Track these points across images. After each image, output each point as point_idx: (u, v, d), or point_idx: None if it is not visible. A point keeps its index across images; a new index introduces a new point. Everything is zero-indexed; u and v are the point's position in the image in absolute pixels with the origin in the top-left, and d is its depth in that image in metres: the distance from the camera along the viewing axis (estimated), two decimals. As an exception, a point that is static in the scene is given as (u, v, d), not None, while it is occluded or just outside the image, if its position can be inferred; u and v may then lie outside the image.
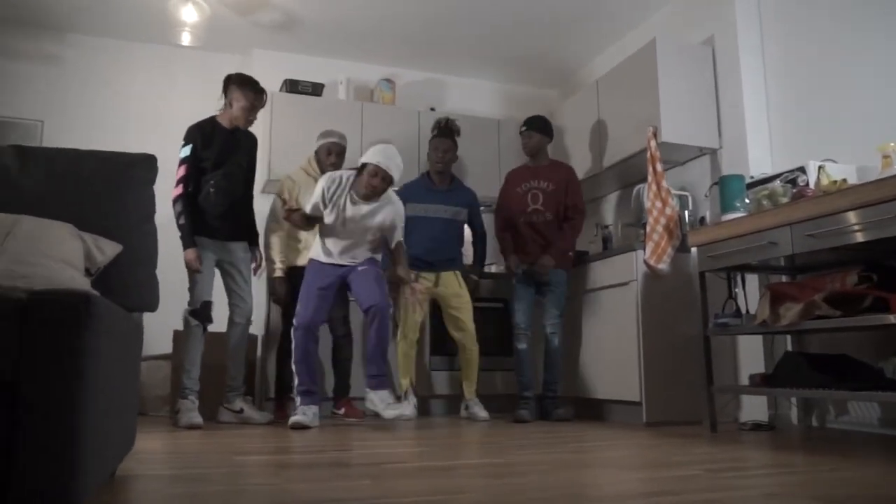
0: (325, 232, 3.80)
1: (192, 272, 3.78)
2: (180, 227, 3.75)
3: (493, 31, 5.24)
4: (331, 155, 4.25)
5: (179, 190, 3.78)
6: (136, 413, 2.05)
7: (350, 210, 3.71)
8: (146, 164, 2.16)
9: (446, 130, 4.41)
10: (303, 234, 4.21)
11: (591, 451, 2.64)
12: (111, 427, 1.57)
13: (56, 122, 5.04)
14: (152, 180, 2.18)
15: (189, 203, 3.77)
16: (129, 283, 2.03)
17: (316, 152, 4.33)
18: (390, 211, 3.79)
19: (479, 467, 2.23)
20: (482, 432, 3.42)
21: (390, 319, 3.77)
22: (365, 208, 3.72)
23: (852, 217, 2.66)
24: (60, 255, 1.70)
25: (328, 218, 3.73)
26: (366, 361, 3.75)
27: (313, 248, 3.89)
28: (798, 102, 3.84)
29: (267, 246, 4.22)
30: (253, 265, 4.06)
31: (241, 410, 3.89)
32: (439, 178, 4.44)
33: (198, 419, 3.62)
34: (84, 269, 1.84)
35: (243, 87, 3.89)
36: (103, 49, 5.27)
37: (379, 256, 3.94)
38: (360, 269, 3.78)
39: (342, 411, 4.15)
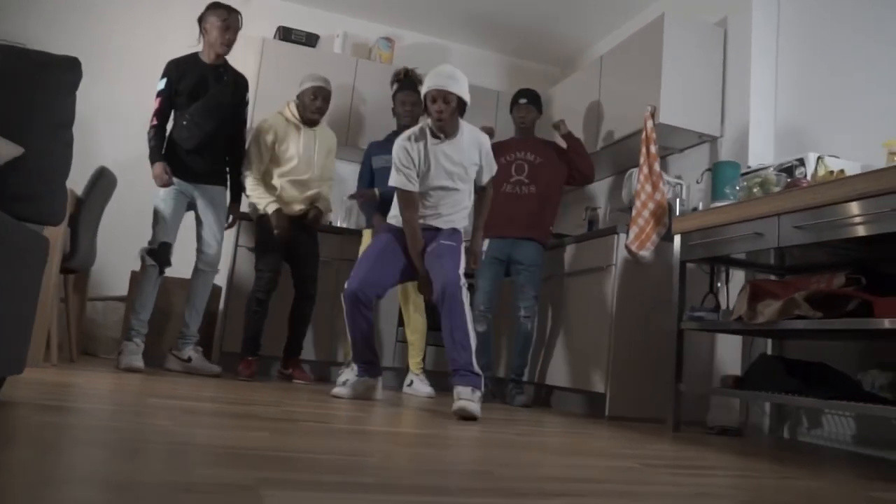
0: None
1: (167, 186, 3.60)
2: (150, 148, 3.61)
3: (507, 3, 5.01)
4: (316, 99, 4.01)
5: (154, 122, 3.65)
6: (26, 334, 1.86)
7: (438, 153, 3.18)
8: (67, 66, 1.97)
9: (409, 82, 4.13)
10: (277, 183, 4.00)
11: (534, 436, 2.45)
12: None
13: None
14: (74, 84, 1.98)
15: (163, 133, 3.64)
16: (31, 193, 1.84)
17: (298, 97, 4.06)
18: (472, 140, 3.25)
19: (400, 436, 2.04)
20: (430, 407, 3.23)
21: (462, 295, 3.00)
22: (448, 146, 3.19)
23: (847, 209, 2.44)
24: (-69, 142, 1.51)
25: (420, 178, 3.22)
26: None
27: (391, 211, 3.39)
28: (808, 94, 3.60)
29: (244, 189, 3.97)
30: (229, 219, 3.90)
31: (189, 359, 3.72)
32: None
33: (138, 362, 3.45)
34: (-33, 165, 1.65)
35: (214, 8, 3.74)
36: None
37: (463, 226, 3.35)
38: (442, 241, 3.18)
39: (289, 371, 3.97)
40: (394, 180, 3.19)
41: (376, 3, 5.20)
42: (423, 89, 3.15)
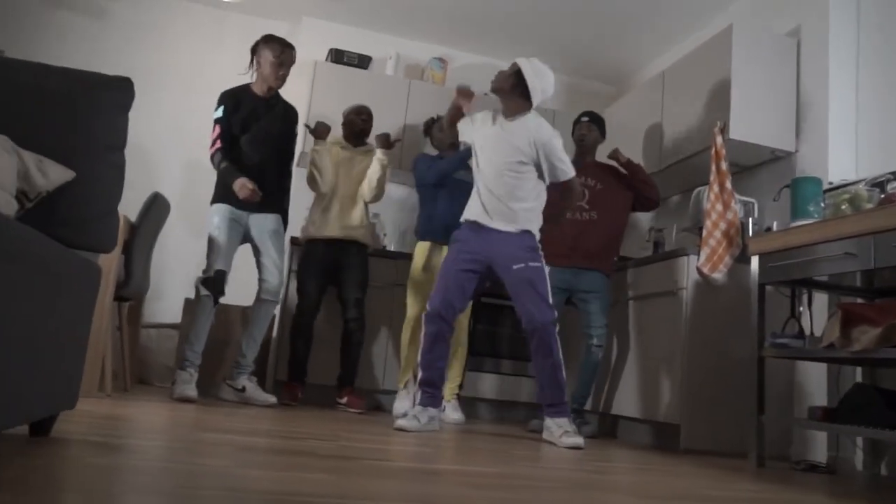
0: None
1: (255, 198, 3.53)
2: (222, 171, 3.56)
3: (555, 18, 4.89)
4: (362, 114, 4.14)
5: (217, 145, 3.61)
6: (78, 367, 1.77)
7: (491, 128, 3.29)
8: (120, 88, 1.89)
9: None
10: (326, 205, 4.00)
11: (613, 473, 2.26)
12: (24, 373, 1.29)
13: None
14: (127, 106, 1.90)
15: (228, 153, 3.59)
16: (81, 218, 1.75)
17: (344, 123, 4.17)
18: (536, 124, 3.24)
19: (472, 476, 1.87)
20: (498, 441, 3.06)
21: (555, 333, 3.11)
22: (507, 124, 3.26)
23: (953, 227, 2.22)
24: (-22, 165, 1.42)
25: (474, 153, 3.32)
26: (538, 389, 3.21)
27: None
28: (893, 104, 3.36)
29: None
30: None
31: (244, 389, 3.62)
32: (453, 151, 4.08)
33: (192, 392, 3.36)
34: (17, 191, 1.57)
35: (268, 42, 3.71)
36: (154, 4, 5.11)
37: (536, 226, 3.27)
38: (514, 267, 3.13)
39: (344, 400, 3.84)
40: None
41: (429, 23, 5.12)
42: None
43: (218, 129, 3.62)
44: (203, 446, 1.90)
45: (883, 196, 2.70)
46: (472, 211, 3.28)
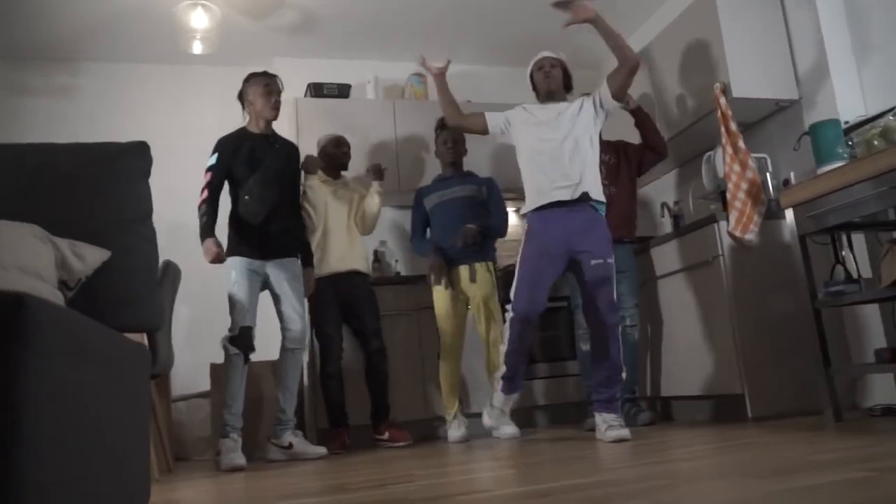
0: (528, 160, 3.36)
1: (220, 262, 3.42)
2: (201, 226, 3.44)
3: (526, 13, 4.83)
4: (342, 146, 4.10)
5: (204, 195, 3.49)
6: (145, 460, 1.65)
7: (539, 115, 3.38)
8: (137, 153, 1.79)
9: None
10: (321, 244, 3.94)
11: (707, 457, 2.15)
12: (93, 476, 1.17)
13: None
14: (146, 171, 1.80)
15: (213, 206, 3.49)
16: (123, 298, 1.64)
17: (323, 156, 4.12)
18: (583, 99, 3.41)
19: (582, 489, 1.76)
20: (563, 448, 2.94)
21: (617, 331, 3.17)
22: (555, 107, 3.38)
23: None
24: (18, 262, 1.31)
25: (519, 141, 3.41)
26: (593, 381, 3.23)
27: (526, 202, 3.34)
28: (892, 30, 3.31)
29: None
30: (309, 290, 3.75)
31: (291, 446, 3.48)
32: (453, 170, 4.09)
33: (240, 460, 3.22)
34: (58, 280, 1.45)
35: (251, 79, 3.66)
36: (118, 74, 4.98)
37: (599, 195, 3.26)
38: (593, 262, 3.14)
39: (385, 436, 3.71)
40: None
41: (401, 42, 5.04)
42: (530, 68, 3.59)
43: (208, 177, 3.51)
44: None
45: (913, 123, 2.64)
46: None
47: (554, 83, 3.46)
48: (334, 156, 4.06)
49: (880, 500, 1.28)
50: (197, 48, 4.21)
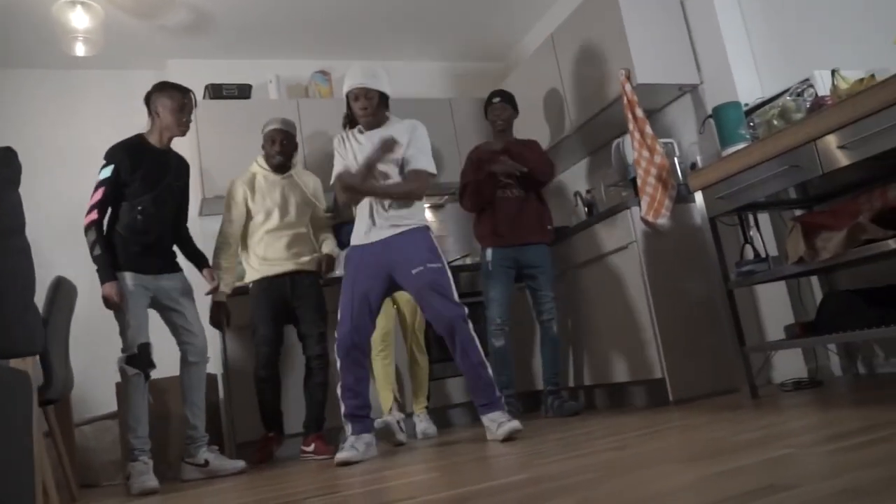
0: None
1: (117, 311, 3.21)
2: (95, 258, 3.19)
3: (427, 7, 4.76)
4: (274, 144, 3.77)
5: (94, 216, 3.22)
6: (30, 495, 1.48)
7: (361, 145, 3.16)
8: (4, 160, 1.61)
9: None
10: (259, 242, 3.75)
11: (633, 446, 2.14)
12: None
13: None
14: (15, 180, 1.62)
15: (104, 231, 3.25)
16: (-5, 321, 1.47)
17: (263, 151, 3.85)
18: (401, 127, 3.18)
19: (507, 490, 1.70)
20: (487, 446, 2.89)
21: (469, 327, 3.00)
22: (375, 135, 3.13)
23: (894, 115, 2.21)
24: None
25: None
26: (467, 385, 3.10)
27: (353, 232, 3.21)
28: (782, 13, 3.41)
29: (216, 267, 3.67)
30: (212, 285, 3.54)
31: (206, 463, 3.30)
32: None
33: (152, 482, 3.03)
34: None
35: (165, 89, 3.39)
36: (2, 77, 4.64)
37: (423, 223, 3.17)
38: (413, 271, 3.01)
39: (311, 447, 3.55)
40: (337, 167, 3.15)
41: (301, 39, 4.90)
42: (345, 89, 3.19)
43: (100, 194, 3.25)
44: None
45: (810, 103, 2.70)
46: (362, 230, 3.14)
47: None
48: (268, 155, 3.80)
49: (801, 478, 1.27)
50: (80, 50, 3.94)
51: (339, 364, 3.01)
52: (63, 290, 3.04)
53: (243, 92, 4.61)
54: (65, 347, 3.17)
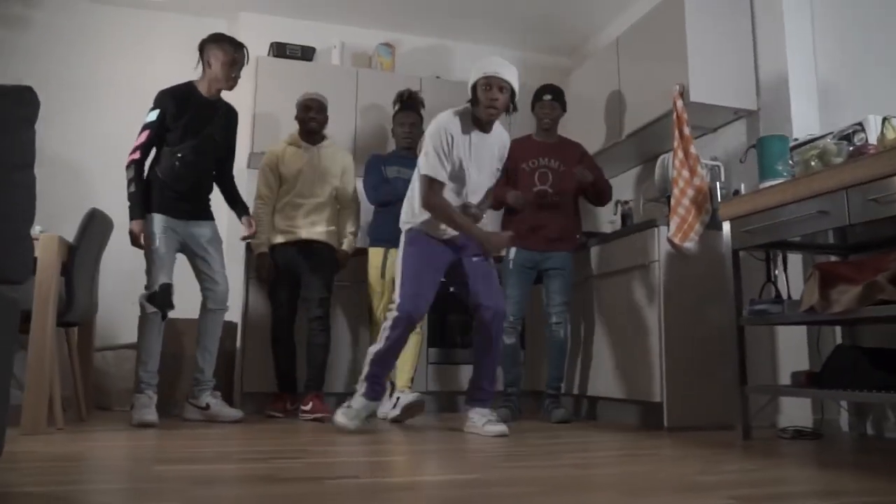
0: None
1: (143, 249, 3.33)
2: (130, 195, 3.32)
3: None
4: (309, 110, 3.91)
5: (136, 156, 3.36)
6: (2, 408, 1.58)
7: (475, 145, 3.03)
8: (22, 99, 1.70)
9: (410, 103, 4.02)
10: (283, 207, 3.86)
11: (600, 466, 2.14)
12: None
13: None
14: (31, 119, 1.71)
15: (142, 172, 3.37)
16: (-14, 246, 1.57)
17: (295, 117, 3.98)
18: (500, 136, 3.14)
19: (443, 487, 1.73)
20: (462, 439, 2.92)
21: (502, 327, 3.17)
22: (485, 140, 3.07)
23: (929, 175, 2.12)
24: None
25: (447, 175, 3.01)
26: (475, 376, 3.14)
27: (419, 218, 3.07)
28: (852, 52, 3.27)
29: (255, 217, 3.79)
30: (249, 231, 3.64)
31: (208, 407, 3.43)
32: (408, 153, 3.99)
33: (151, 416, 3.17)
34: None
35: (219, 42, 3.47)
36: (78, 11, 4.84)
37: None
38: (474, 258, 3.11)
39: (309, 406, 3.65)
40: (428, 168, 2.95)
41: (372, 9, 4.93)
42: (476, 75, 2.99)
43: (144, 136, 3.37)
44: (156, 485, 1.73)
45: (852, 149, 2.60)
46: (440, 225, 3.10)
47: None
48: (301, 121, 3.94)
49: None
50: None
51: (392, 333, 2.96)
52: (96, 222, 3.18)
53: (306, 54, 4.69)
54: (91, 276, 3.33)
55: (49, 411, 2.88)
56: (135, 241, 3.32)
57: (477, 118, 3.02)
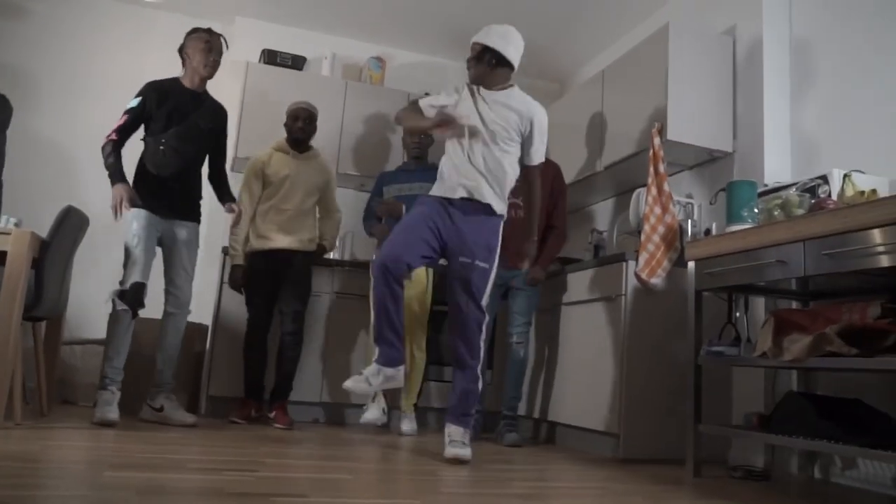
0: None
1: (121, 212, 3.27)
2: (107, 166, 3.32)
3: (495, 16, 4.77)
4: (297, 120, 3.95)
5: (113, 137, 3.37)
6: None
7: (486, 104, 3.06)
8: (-5, 105, 1.73)
9: None
10: (264, 214, 3.88)
11: (543, 498, 2.18)
12: None
13: (21, 79, 4.61)
14: (3, 125, 1.75)
15: (119, 149, 3.37)
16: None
17: (284, 124, 4.02)
18: (523, 106, 3.10)
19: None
20: (424, 460, 2.95)
21: (480, 332, 3.01)
22: (491, 96, 3.08)
23: (879, 236, 2.18)
24: None
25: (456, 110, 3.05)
26: (454, 393, 3.03)
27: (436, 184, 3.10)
28: (826, 105, 3.34)
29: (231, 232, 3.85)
30: (232, 213, 3.64)
31: (161, 409, 3.44)
32: (416, 163, 4.03)
33: (112, 414, 3.18)
34: None
35: (194, 32, 3.55)
36: (78, 4, 4.86)
37: (502, 209, 3.10)
38: (461, 259, 2.99)
39: (272, 415, 3.68)
40: (442, 100, 3.14)
41: (365, 22, 4.98)
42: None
43: (123, 120, 3.40)
44: (103, 493, 1.76)
45: (814, 201, 2.67)
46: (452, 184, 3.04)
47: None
48: (289, 129, 3.98)
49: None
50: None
51: (374, 289, 2.92)
52: (70, 219, 3.20)
53: (296, 63, 4.73)
54: (62, 271, 3.34)
55: (9, 405, 2.89)
56: (120, 200, 3.25)
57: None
